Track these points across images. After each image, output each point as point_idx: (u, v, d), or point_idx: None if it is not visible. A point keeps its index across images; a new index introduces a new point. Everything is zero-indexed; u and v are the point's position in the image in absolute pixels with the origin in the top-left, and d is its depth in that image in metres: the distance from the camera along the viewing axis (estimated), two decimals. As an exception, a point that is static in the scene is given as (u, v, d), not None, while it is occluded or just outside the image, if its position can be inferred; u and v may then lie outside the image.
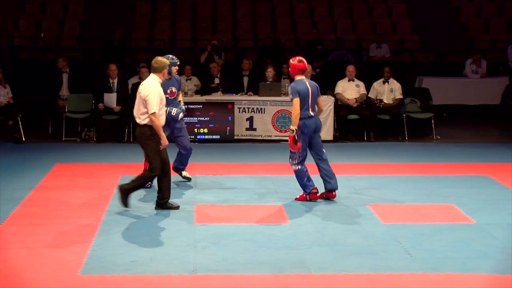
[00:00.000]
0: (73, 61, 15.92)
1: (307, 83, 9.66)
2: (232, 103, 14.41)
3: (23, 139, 14.22)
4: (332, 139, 14.48)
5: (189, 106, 14.27)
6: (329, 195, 9.83)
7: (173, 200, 9.64)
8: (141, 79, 14.66)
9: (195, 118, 14.25)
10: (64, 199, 9.82)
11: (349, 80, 15.13)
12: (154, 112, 8.84)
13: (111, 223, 8.73)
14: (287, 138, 14.30)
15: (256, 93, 14.80)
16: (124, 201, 9.13)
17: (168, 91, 10.04)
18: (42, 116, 15.53)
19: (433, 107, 15.81)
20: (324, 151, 9.83)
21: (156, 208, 9.32)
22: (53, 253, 7.61)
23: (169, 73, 9.85)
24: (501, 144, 14.67)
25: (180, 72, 15.69)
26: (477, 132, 16.31)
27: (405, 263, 7.42)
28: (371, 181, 10.80)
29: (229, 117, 14.36)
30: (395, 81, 15.26)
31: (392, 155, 13.36)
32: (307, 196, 9.74)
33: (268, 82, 15.04)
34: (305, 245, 7.97)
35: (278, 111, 14.52)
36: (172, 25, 20.48)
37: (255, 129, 14.58)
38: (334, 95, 15.01)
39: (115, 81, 14.64)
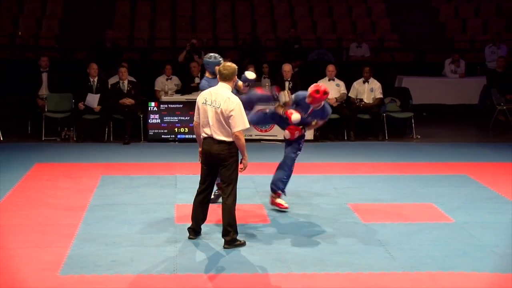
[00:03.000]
0: (52, 60, 15.81)
1: None
2: (212, 103, 14.36)
3: (1, 139, 14.13)
4: (312, 138, 14.49)
5: (169, 105, 14.29)
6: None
7: (153, 200, 9.68)
8: (121, 79, 14.65)
9: (175, 118, 14.22)
10: (44, 199, 9.76)
11: (329, 80, 15.15)
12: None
13: (91, 223, 8.69)
14: (267, 137, 14.46)
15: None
16: (238, 243, 7.87)
17: None
18: (21, 115, 15.41)
19: (413, 106, 15.87)
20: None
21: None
22: (32, 253, 7.55)
23: (213, 72, 9.14)
24: (479, 144, 14.76)
25: (160, 72, 15.75)
26: (456, 131, 16.40)
27: (386, 262, 7.45)
28: (352, 181, 10.83)
29: (209, 117, 14.31)
30: (375, 81, 15.31)
31: (372, 154, 13.40)
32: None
33: (248, 82, 15.01)
34: (286, 245, 7.98)
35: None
36: (152, 24, 20.43)
37: (235, 129, 14.55)
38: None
39: (95, 79, 14.58)
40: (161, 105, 14.32)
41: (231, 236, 7.80)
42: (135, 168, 11.93)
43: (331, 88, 15.09)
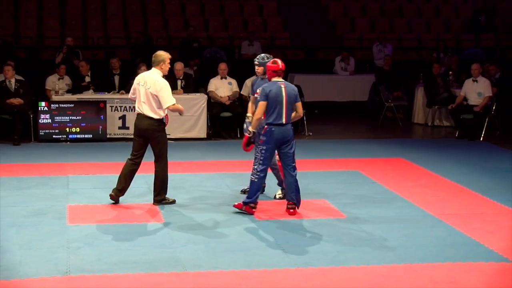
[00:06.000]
0: None
1: (282, 86, 9.10)
2: (104, 102, 14.22)
3: None
4: (205, 136, 14.53)
5: (60, 105, 14.04)
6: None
7: (44, 202, 9.48)
8: (6, 78, 14.25)
9: (66, 117, 13.98)
10: None
11: (221, 78, 15.19)
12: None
13: (-22, 226, 8.45)
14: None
15: (128, 91, 14.63)
16: (168, 201, 9.60)
17: (258, 91, 9.48)
18: None
19: (305, 104, 16.06)
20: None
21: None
22: None
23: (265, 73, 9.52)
24: (369, 140, 15.10)
25: (51, 71, 15.44)
26: (347, 128, 16.75)
27: (279, 259, 7.52)
28: (244, 178, 10.87)
29: (101, 116, 14.16)
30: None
31: (265, 151, 13.49)
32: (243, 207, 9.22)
33: (141, 80, 14.92)
34: (180, 243, 7.97)
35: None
36: (39, 21, 19.95)
37: (128, 128, 14.42)
38: (207, 93, 15.05)
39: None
40: (52, 105, 14.05)
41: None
42: (25, 169, 11.66)
43: (224, 86, 15.18)
